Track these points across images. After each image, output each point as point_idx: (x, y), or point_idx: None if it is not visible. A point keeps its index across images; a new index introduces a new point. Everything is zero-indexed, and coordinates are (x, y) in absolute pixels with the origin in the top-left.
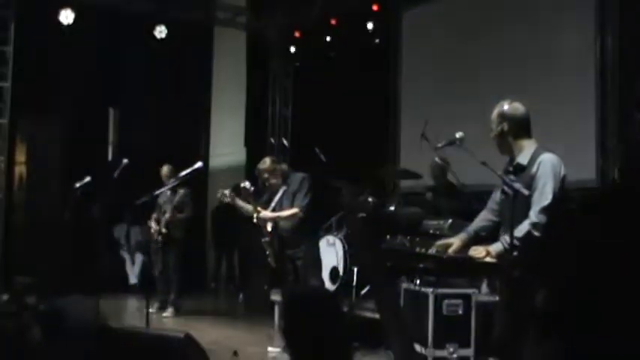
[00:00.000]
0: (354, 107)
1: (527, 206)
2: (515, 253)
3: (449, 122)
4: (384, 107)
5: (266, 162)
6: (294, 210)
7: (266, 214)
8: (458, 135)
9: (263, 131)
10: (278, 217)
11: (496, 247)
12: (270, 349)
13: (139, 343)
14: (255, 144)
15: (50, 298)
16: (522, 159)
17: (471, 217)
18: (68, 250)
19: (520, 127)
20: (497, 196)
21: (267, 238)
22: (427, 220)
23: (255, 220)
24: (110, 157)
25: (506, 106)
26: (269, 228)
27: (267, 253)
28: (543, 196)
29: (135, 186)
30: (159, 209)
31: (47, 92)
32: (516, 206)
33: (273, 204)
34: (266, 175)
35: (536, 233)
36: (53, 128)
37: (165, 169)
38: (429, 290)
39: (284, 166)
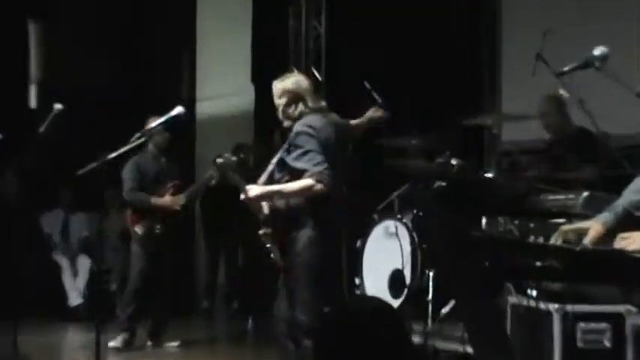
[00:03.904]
0: (427, 19)
1: None
2: None
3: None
4: (475, 21)
5: (281, 81)
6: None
7: (254, 190)
8: (597, 51)
9: (281, 59)
10: (269, 192)
11: None
12: None
13: None
14: (269, 79)
15: None
16: None
17: (617, 188)
18: None
19: None
20: None
21: (266, 230)
22: (547, 194)
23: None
24: (34, 102)
25: None
26: (265, 212)
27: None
28: None
29: (75, 147)
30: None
31: None
32: None
33: (268, 170)
34: (280, 109)
35: None
36: None
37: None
38: (554, 307)
39: (319, 105)
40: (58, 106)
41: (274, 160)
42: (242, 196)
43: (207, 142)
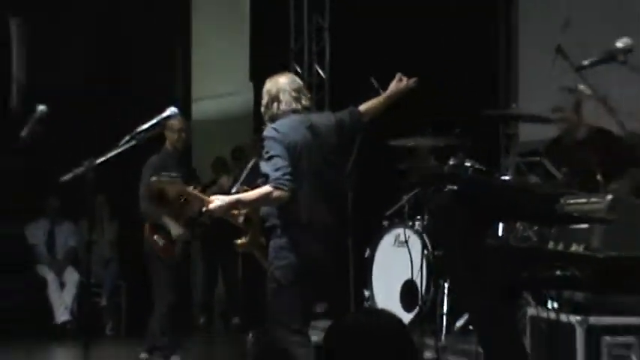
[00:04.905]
0: (438, 12)
1: None
2: None
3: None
4: (490, 11)
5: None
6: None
7: (216, 202)
8: (620, 43)
9: (282, 56)
10: (231, 202)
11: None
12: None
13: None
14: (269, 77)
15: None
16: None
17: None
18: None
19: None
20: None
21: (243, 239)
22: (569, 197)
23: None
24: (13, 102)
25: None
26: (240, 221)
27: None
28: None
29: (61, 151)
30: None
31: None
32: None
33: (243, 175)
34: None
35: None
36: None
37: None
38: (576, 319)
39: (295, 106)
40: (41, 107)
41: (249, 165)
42: (203, 209)
43: (205, 145)
